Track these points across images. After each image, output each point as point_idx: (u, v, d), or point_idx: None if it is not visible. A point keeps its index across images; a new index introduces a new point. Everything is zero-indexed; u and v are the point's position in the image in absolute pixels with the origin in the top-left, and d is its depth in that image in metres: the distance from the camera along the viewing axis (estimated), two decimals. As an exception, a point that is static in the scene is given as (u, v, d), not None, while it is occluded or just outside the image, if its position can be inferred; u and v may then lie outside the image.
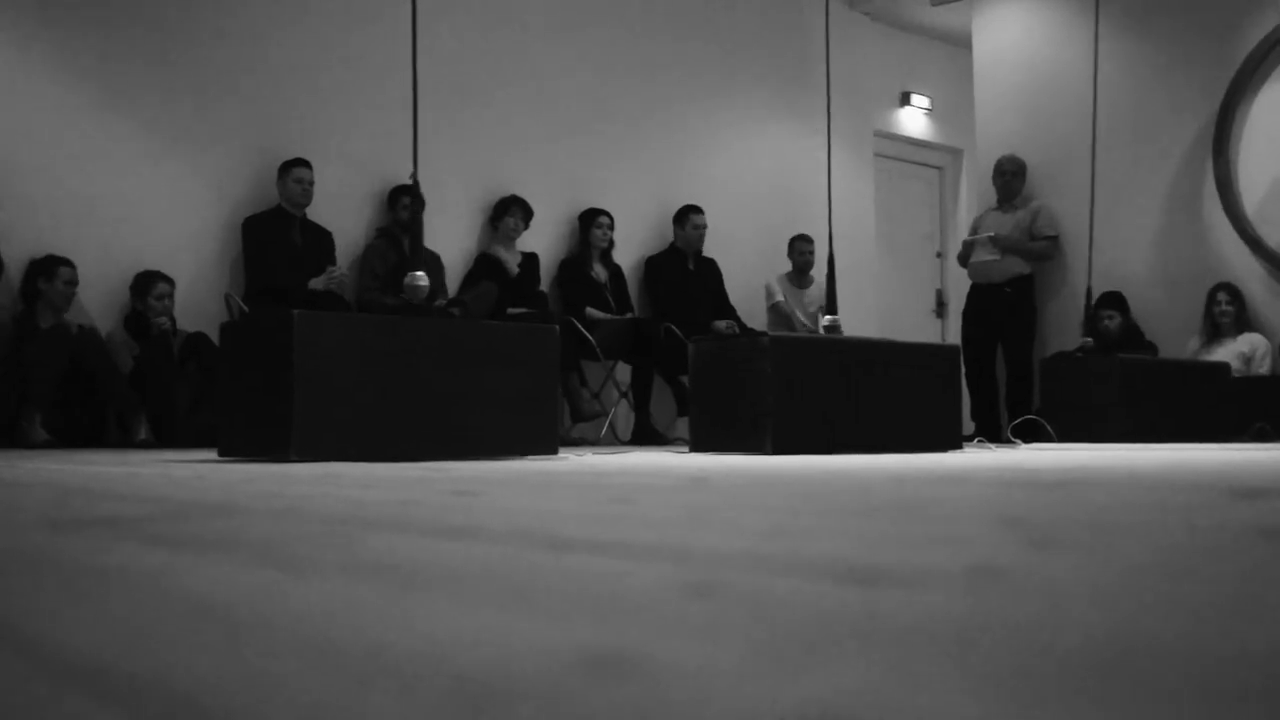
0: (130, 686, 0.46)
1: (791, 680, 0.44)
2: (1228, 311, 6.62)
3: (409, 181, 6.33)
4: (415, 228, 3.72)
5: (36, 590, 0.74)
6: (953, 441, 4.50)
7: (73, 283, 5.32)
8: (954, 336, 8.51)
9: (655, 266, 7.29)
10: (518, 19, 7.08)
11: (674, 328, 6.66)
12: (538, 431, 3.63)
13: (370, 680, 0.46)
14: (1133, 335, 6.86)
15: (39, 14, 5.59)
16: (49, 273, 5.26)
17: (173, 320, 5.56)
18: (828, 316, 4.68)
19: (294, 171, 5.93)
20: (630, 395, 6.79)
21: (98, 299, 5.60)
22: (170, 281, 5.58)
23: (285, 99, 6.20)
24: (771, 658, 0.48)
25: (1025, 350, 7.19)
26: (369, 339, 3.31)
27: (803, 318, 7.52)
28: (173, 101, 5.90)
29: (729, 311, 7.29)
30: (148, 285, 5.52)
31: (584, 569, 0.80)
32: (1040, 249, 7.32)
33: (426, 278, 3.59)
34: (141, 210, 5.78)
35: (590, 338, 6.59)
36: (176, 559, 0.88)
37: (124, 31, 5.81)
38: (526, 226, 6.73)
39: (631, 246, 7.30)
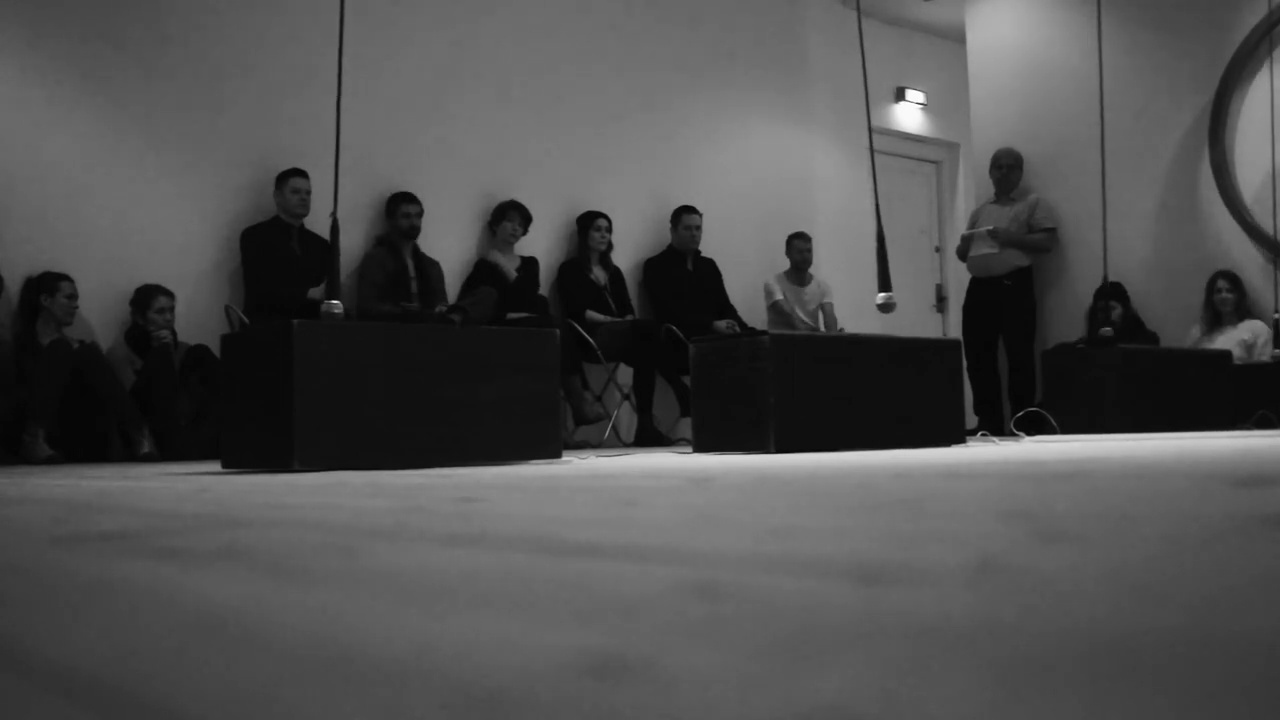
0: (133, 702, 0.46)
1: (798, 681, 0.44)
2: (1228, 299, 6.62)
3: (407, 189, 6.37)
4: (334, 254, 3.72)
5: (39, 605, 0.73)
6: (956, 436, 4.50)
7: (74, 297, 5.33)
8: (955, 331, 8.51)
9: (654, 268, 7.30)
10: (511, 24, 7.08)
11: (674, 328, 6.66)
12: (541, 435, 3.63)
13: (375, 689, 0.45)
14: (1134, 325, 6.86)
15: (35, 30, 5.60)
16: (50, 288, 5.27)
17: (174, 333, 5.56)
18: (882, 294, 4.37)
19: (291, 182, 5.94)
20: (632, 397, 6.79)
21: (98, 314, 5.61)
22: (170, 295, 5.59)
23: (281, 110, 6.20)
24: (777, 659, 0.48)
25: (1026, 343, 7.19)
26: (369, 347, 3.31)
27: (803, 315, 7.52)
28: (169, 114, 5.91)
29: (729, 311, 7.29)
30: (148, 299, 5.52)
31: (588, 573, 0.79)
32: (1039, 241, 7.32)
33: (340, 305, 3.58)
34: (140, 224, 5.79)
35: (591, 340, 6.59)
36: (180, 572, 0.88)
37: (119, 46, 5.81)
38: (525, 231, 6.74)
39: (630, 248, 7.31)
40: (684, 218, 7.28)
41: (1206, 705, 0.38)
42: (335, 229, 3.70)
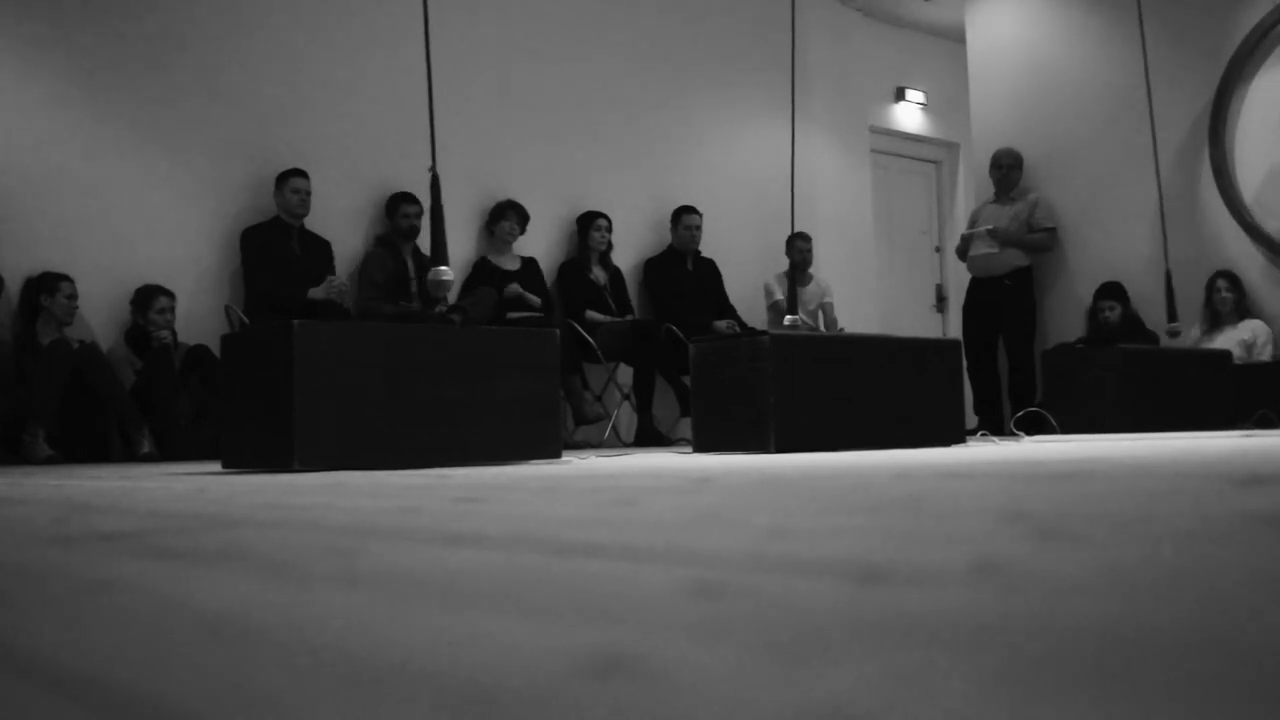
0: (132, 701, 0.46)
1: (798, 681, 0.44)
2: (1228, 299, 6.62)
3: (407, 189, 6.36)
4: (436, 214, 3.58)
5: (39, 605, 0.73)
6: (956, 436, 4.50)
7: (74, 297, 5.34)
8: (955, 331, 8.52)
9: (654, 267, 7.30)
10: (511, 24, 7.09)
11: (674, 328, 6.66)
12: (540, 435, 3.63)
13: (374, 689, 0.45)
14: (1133, 325, 6.86)
15: (35, 30, 5.60)
16: (50, 288, 5.28)
17: (174, 333, 5.56)
18: (789, 318, 4.85)
19: (291, 182, 5.94)
20: (632, 397, 6.79)
21: (98, 314, 5.61)
22: (170, 295, 5.59)
23: (281, 109, 6.20)
24: (777, 658, 0.48)
25: (1026, 343, 7.19)
26: (369, 348, 3.31)
27: (803, 315, 7.52)
28: (169, 114, 5.91)
29: (729, 311, 7.29)
30: (148, 299, 5.53)
31: (588, 572, 0.79)
32: (1039, 241, 7.33)
33: (450, 272, 3.48)
34: (140, 224, 5.79)
35: (591, 340, 6.59)
36: (179, 572, 0.88)
37: (120, 47, 5.81)
38: (523, 230, 6.74)
39: (630, 248, 7.31)
40: (684, 218, 7.29)
41: (1207, 705, 0.38)
42: (436, 184, 3.53)
